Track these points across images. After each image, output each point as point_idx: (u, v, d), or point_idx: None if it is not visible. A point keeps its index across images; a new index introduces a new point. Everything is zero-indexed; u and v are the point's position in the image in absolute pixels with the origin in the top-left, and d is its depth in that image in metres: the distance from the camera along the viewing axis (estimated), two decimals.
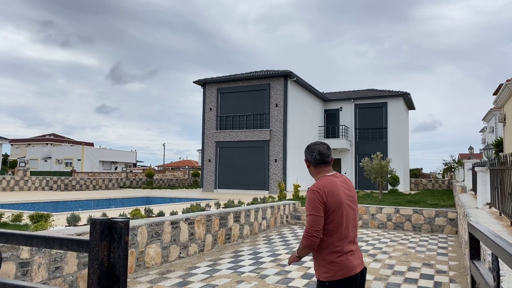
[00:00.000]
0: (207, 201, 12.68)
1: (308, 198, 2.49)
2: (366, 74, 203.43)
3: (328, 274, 2.43)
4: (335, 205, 2.46)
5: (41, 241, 1.23)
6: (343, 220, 2.48)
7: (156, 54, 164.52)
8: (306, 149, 2.73)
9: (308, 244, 2.43)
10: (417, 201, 14.33)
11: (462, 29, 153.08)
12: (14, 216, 8.30)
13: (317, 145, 2.71)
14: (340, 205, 2.47)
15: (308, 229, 2.42)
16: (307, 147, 2.73)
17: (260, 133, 23.56)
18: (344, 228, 2.48)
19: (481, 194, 8.23)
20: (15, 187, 23.10)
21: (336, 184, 2.54)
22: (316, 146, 2.70)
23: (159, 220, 6.88)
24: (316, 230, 2.40)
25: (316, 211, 2.43)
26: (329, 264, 2.44)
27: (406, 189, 28.46)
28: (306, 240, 2.43)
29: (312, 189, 2.50)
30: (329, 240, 2.45)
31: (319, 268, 2.49)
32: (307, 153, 2.71)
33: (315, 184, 2.56)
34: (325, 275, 2.44)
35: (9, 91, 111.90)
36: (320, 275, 2.47)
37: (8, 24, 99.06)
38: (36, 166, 53.31)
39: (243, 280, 5.80)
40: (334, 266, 2.43)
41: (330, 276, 2.42)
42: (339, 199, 2.49)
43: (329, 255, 2.46)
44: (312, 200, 2.46)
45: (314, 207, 2.44)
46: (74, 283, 5.02)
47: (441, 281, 5.94)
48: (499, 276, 1.30)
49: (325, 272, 2.44)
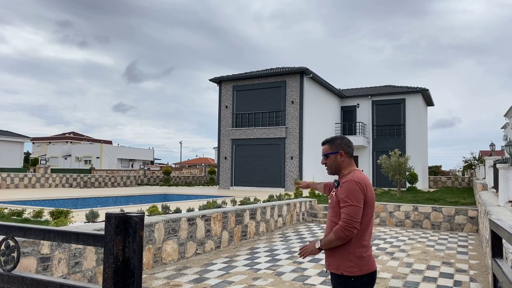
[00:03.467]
0: (223, 198, 12.74)
1: (349, 189, 2.41)
2: (383, 70, 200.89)
3: (354, 269, 2.37)
4: (371, 199, 2.45)
5: (58, 235, 1.24)
6: (373, 215, 2.51)
7: (171, 52, 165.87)
8: (338, 139, 2.63)
9: (345, 236, 2.34)
10: (436, 199, 14.09)
11: (482, 23, 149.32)
12: (35, 212, 8.49)
13: (347, 137, 2.70)
14: (374, 200, 2.50)
15: (350, 220, 2.33)
16: (341, 138, 2.64)
17: (276, 130, 23.52)
18: (372, 223, 2.50)
19: (503, 191, 8.03)
20: (37, 184, 23.65)
21: (368, 178, 2.56)
22: (348, 138, 2.68)
23: (176, 216, 6.93)
24: (357, 221, 2.34)
25: (358, 201, 2.37)
26: (357, 258, 2.38)
27: (424, 187, 28.02)
28: (345, 231, 2.33)
29: (354, 180, 2.42)
30: (361, 234, 2.41)
31: (343, 263, 2.40)
32: (343, 144, 2.61)
33: (354, 175, 2.48)
34: (350, 270, 2.38)
35: (30, 90, 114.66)
36: (345, 269, 2.39)
37: (27, 24, 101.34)
38: (56, 163, 54.46)
39: (259, 277, 5.80)
40: (361, 261, 2.38)
41: (356, 270, 2.37)
42: (373, 194, 2.51)
43: (358, 249, 2.39)
44: (355, 190, 2.39)
45: (356, 197, 2.37)
46: (93, 278, 5.11)
47: (461, 280, 5.83)
48: None
49: (351, 267, 2.38)
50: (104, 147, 55.04)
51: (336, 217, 2.47)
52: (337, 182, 2.57)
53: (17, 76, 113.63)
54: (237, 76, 25.08)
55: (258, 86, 24.61)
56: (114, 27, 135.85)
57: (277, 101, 23.98)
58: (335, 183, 2.59)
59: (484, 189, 14.34)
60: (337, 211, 2.47)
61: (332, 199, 2.57)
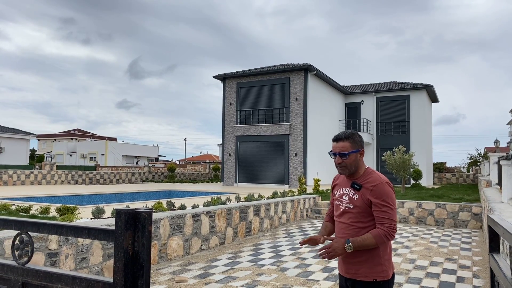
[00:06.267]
0: (227, 195, 12.81)
1: (385, 191, 2.24)
2: (387, 66, 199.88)
3: (385, 273, 2.26)
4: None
5: (70, 230, 1.30)
6: None
7: (174, 49, 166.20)
8: (357, 135, 2.37)
9: (387, 241, 2.22)
10: (440, 196, 14.09)
11: (487, 18, 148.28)
12: (42, 208, 8.60)
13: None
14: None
15: (393, 225, 2.20)
16: (357, 134, 2.39)
17: (280, 127, 23.54)
18: None
19: (506, 188, 8.03)
20: (43, 180, 23.85)
21: None
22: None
23: (181, 213, 7.00)
24: (396, 224, 2.23)
25: (395, 204, 2.26)
26: (387, 261, 2.29)
27: (429, 184, 27.96)
28: (390, 237, 2.20)
29: (386, 182, 2.28)
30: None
31: (374, 267, 2.25)
32: (362, 141, 2.39)
33: (379, 176, 2.31)
34: (384, 274, 2.26)
35: (33, 87, 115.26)
36: (378, 275, 2.25)
37: (30, 21, 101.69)
38: (62, 160, 54.82)
39: (263, 273, 5.86)
40: (389, 264, 2.30)
41: (387, 275, 2.27)
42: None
43: (387, 250, 2.30)
44: (390, 192, 2.25)
45: (393, 200, 2.25)
46: (100, 273, 5.19)
47: (464, 276, 5.86)
48: None
49: (384, 271, 2.26)
50: (109, 144, 55.32)
51: (361, 222, 2.28)
52: (357, 184, 2.32)
53: (20, 73, 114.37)
54: (241, 73, 25.10)
55: (262, 83, 24.63)
56: (117, 24, 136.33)
57: (281, 98, 23.99)
58: (355, 185, 2.33)
59: (488, 185, 14.31)
60: (363, 215, 2.28)
61: (353, 203, 2.32)
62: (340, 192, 2.43)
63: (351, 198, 2.32)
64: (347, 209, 2.34)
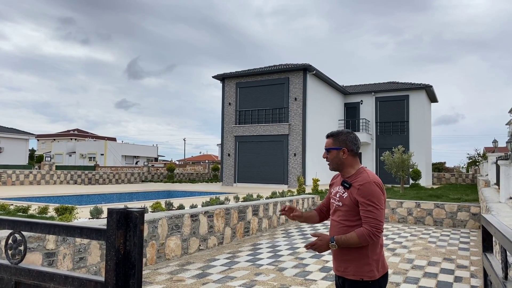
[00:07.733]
0: (226, 195, 12.81)
1: (372, 191, 2.24)
2: (386, 66, 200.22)
3: (374, 273, 2.25)
4: (385, 199, 2.32)
5: (62, 229, 1.30)
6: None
7: (173, 49, 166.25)
8: (344, 135, 2.41)
9: (371, 241, 2.21)
10: (439, 196, 14.10)
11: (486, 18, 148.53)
12: (40, 208, 8.60)
13: (354, 133, 2.48)
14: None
15: (378, 225, 2.18)
16: (347, 133, 2.42)
17: (279, 127, 23.55)
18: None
19: (504, 188, 8.05)
20: (42, 180, 23.84)
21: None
22: (355, 134, 2.46)
23: (179, 213, 7.01)
24: (383, 225, 2.20)
25: (382, 204, 2.24)
26: (375, 261, 2.26)
27: (428, 184, 27.99)
28: (373, 237, 2.18)
29: (373, 181, 2.27)
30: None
31: (362, 267, 2.25)
32: (348, 140, 2.39)
33: (369, 176, 2.30)
34: (370, 274, 2.24)
35: (32, 87, 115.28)
36: (365, 274, 2.24)
37: (29, 21, 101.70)
38: (61, 160, 54.80)
39: (261, 273, 5.86)
40: (378, 263, 2.27)
41: (376, 274, 2.25)
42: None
43: (375, 251, 2.27)
44: (377, 192, 2.24)
45: (380, 200, 2.23)
46: (98, 273, 5.19)
47: (461, 276, 5.87)
48: (507, 267, 1.31)
49: (371, 271, 2.24)
50: (108, 144, 55.31)
51: (349, 220, 2.30)
52: (347, 183, 2.35)
53: (19, 73, 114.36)
54: (240, 73, 25.11)
55: (261, 83, 24.65)
56: (115, 24, 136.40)
57: (280, 98, 24.00)
58: (344, 184, 2.37)
59: (486, 185, 14.33)
60: (350, 213, 2.29)
61: (342, 201, 2.35)
62: (335, 190, 2.48)
63: (341, 196, 2.37)
64: (337, 207, 2.38)
